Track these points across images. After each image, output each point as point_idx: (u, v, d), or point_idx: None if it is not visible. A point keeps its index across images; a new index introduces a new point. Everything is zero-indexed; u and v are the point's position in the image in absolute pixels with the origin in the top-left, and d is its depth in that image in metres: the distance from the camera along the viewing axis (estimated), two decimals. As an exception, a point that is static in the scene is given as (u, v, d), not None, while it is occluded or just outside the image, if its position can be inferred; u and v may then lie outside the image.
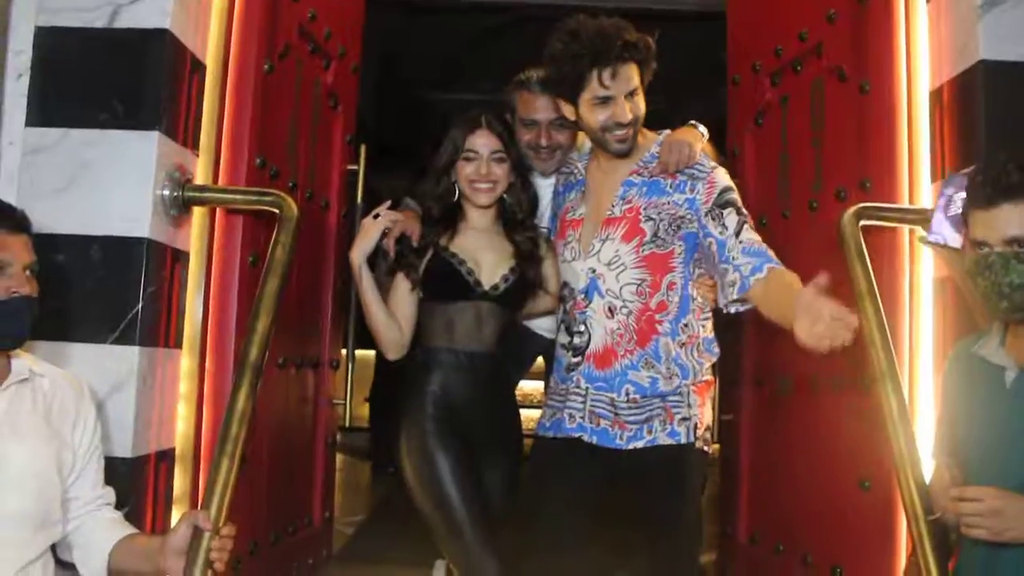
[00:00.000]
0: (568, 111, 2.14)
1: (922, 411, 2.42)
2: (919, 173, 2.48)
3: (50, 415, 1.79)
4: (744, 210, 2.10)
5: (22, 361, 1.77)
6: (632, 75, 2.04)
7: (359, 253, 2.18)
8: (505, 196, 2.24)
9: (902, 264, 2.50)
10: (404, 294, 2.21)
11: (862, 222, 2.34)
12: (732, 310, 2.10)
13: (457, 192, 2.23)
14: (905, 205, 2.49)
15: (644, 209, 2.10)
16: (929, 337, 2.42)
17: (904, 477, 2.00)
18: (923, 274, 2.47)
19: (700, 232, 2.08)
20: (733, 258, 2.03)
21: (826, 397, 2.70)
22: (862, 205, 2.39)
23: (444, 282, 2.18)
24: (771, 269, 2.01)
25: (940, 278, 2.38)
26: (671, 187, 2.11)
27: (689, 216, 2.08)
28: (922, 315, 2.46)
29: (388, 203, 2.25)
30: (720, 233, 2.05)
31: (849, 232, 2.31)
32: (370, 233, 2.20)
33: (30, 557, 1.68)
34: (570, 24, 2.06)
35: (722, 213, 2.07)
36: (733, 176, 3.10)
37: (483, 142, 2.19)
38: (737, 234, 2.05)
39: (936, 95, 2.43)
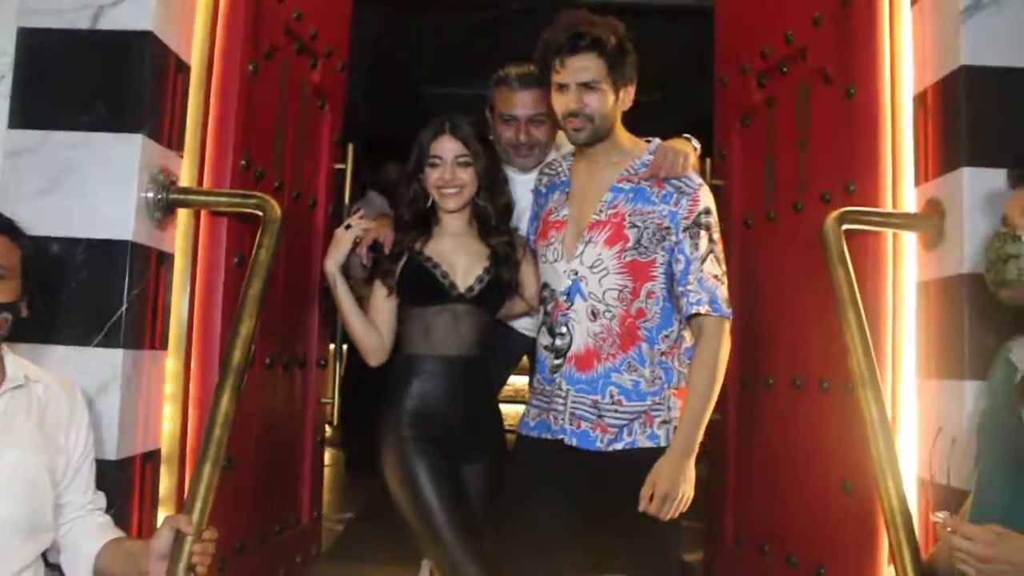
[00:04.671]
0: None
1: (905, 416, 2.43)
2: (903, 176, 2.49)
3: (44, 422, 1.80)
4: (716, 237, 2.11)
5: (16, 367, 1.78)
6: (587, 66, 2.07)
7: (332, 263, 2.21)
8: (477, 200, 2.25)
9: (885, 268, 2.51)
10: (381, 300, 2.24)
11: (845, 226, 2.35)
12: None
13: (429, 197, 2.24)
14: (889, 209, 2.49)
15: (629, 216, 2.10)
16: (912, 342, 2.43)
17: (883, 483, 2.02)
18: (906, 278, 2.47)
19: (676, 247, 2.09)
20: (689, 283, 2.07)
21: (810, 398, 2.72)
22: (845, 209, 2.39)
23: (419, 286, 2.20)
24: (697, 314, 2.06)
25: (923, 282, 2.39)
26: (657, 197, 2.11)
27: (671, 228, 2.09)
28: (905, 320, 2.46)
29: (360, 212, 2.27)
30: (691, 253, 2.07)
31: (832, 236, 2.32)
32: (342, 243, 2.22)
33: (21, 565, 1.69)
34: (559, 17, 2.11)
35: (698, 233, 2.08)
36: (719, 177, 3.15)
37: (447, 147, 2.21)
38: (703, 260, 2.07)
39: (920, 99, 2.43)
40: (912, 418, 2.40)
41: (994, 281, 1.74)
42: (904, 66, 2.50)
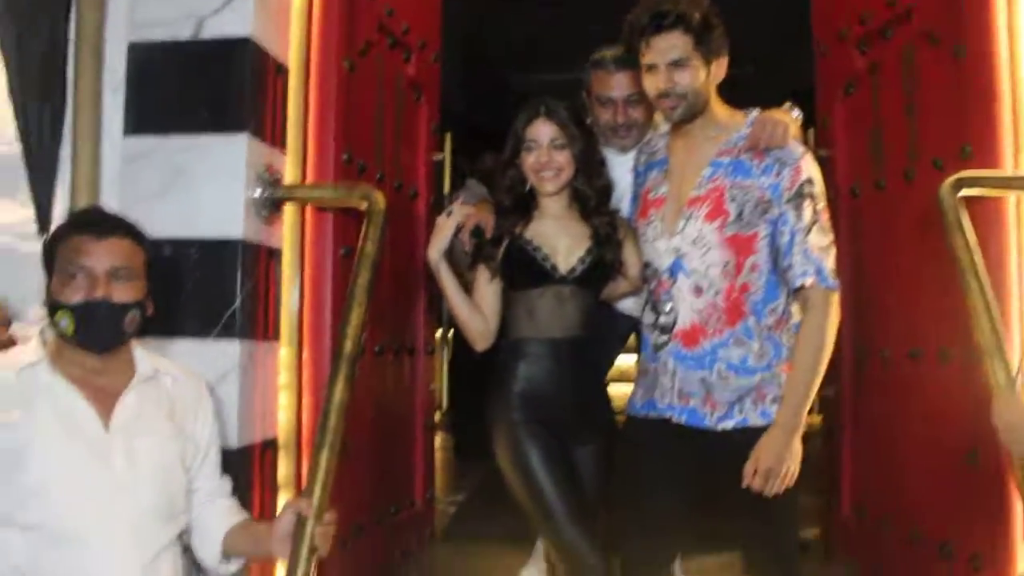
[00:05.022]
0: None
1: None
2: (1024, 138, 2.37)
3: (173, 412, 1.88)
4: (820, 207, 2.05)
5: (146, 361, 1.86)
6: (674, 44, 2.03)
7: (435, 251, 2.24)
8: (575, 183, 2.24)
9: (1007, 234, 2.39)
10: (485, 284, 2.25)
11: (962, 192, 2.25)
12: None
13: (528, 181, 2.25)
14: (1008, 173, 2.38)
15: (729, 189, 2.07)
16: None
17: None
18: (1030, 243, 2.35)
19: (779, 219, 2.04)
20: (794, 255, 2.02)
21: (929, 369, 2.62)
22: (961, 174, 2.29)
23: (521, 269, 2.21)
24: (803, 287, 2.01)
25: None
26: (758, 169, 2.07)
27: (773, 200, 2.05)
28: (1031, 285, 2.35)
29: (460, 199, 2.29)
30: (795, 224, 2.02)
31: (948, 203, 2.22)
32: (444, 230, 2.25)
33: (162, 546, 1.78)
34: None
35: (801, 203, 2.03)
36: (823, 147, 3.06)
37: (543, 131, 2.20)
38: (807, 231, 2.02)
39: (1040, 55, 2.30)
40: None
41: None
42: (1021, 21, 2.37)
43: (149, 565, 1.73)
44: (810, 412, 2.12)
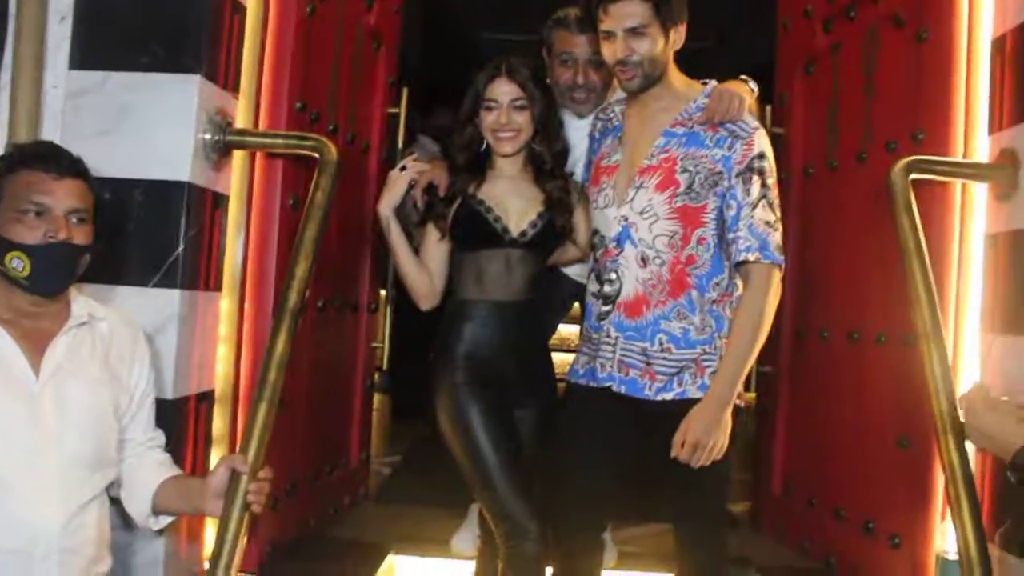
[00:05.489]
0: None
1: (967, 371, 2.37)
2: (976, 125, 2.40)
3: (108, 358, 1.82)
4: (770, 182, 2.04)
5: (81, 305, 1.80)
6: (631, 12, 2.00)
7: (386, 206, 2.20)
8: (533, 144, 2.22)
9: (952, 220, 2.44)
10: (433, 244, 2.22)
11: (912, 175, 2.27)
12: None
13: (484, 141, 2.21)
14: (959, 159, 2.41)
15: (681, 160, 2.05)
16: (978, 295, 2.36)
17: (944, 440, 1.98)
18: (974, 231, 2.40)
19: (728, 192, 2.03)
20: (739, 229, 2.01)
21: (868, 352, 2.68)
22: (913, 158, 2.31)
23: (472, 230, 2.18)
24: (745, 261, 2.00)
25: (992, 235, 2.31)
26: (711, 141, 2.05)
27: (723, 173, 2.04)
28: (972, 273, 2.40)
29: (414, 154, 2.25)
30: (742, 198, 2.02)
31: (898, 186, 2.25)
32: (397, 185, 2.21)
33: (89, 496, 1.73)
34: None
35: (750, 178, 2.02)
36: (780, 124, 3.07)
37: (504, 90, 2.16)
38: (754, 206, 2.01)
39: (998, 43, 2.32)
40: (974, 374, 2.34)
41: None
42: (982, 8, 2.40)
43: (76, 513, 1.69)
44: (746, 389, 2.15)
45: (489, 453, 2.09)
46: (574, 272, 2.58)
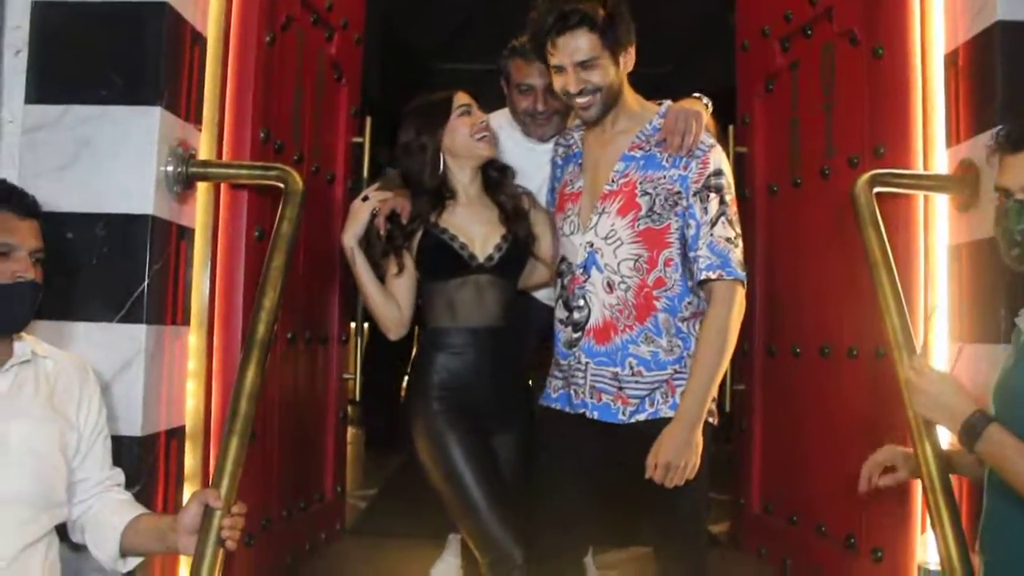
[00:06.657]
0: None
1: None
2: (934, 138, 2.44)
3: (53, 397, 1.79)
4: (728, 199, 2.04)
5: (25, 343, 1.78)
6: (580, 45, 2.00)
7: (350, 236, 2.21)
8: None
9: (917, 231, 2.47)
10: (396, 274, 2.23)
11: (876, 189, 2.30)
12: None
13: (443, 167, 2.22)
14: (920, 171, 2.45)
15: (640, 183, 2.05)
16: (944, 305, 2.39)
17: (920, 448, 1.98)
18: (938, 241, 2.43)
19: (687, 212, 2.04)
20: (699, 248, 2.01)
21: (840, 366, 2.69)
22: (876, 172, 2.34)
23: (439, 259, 2.19)
24: (708, 279, 2.00)
25: (955, 245, 2.34)
26: (667, 161, 2.06)
27: (681, 193, 2.04)
28: (937, 283, 2.42)
29: (377, 184, 2.26)
30: (700, 217, 2.02)
31: (863, 199, 2.26)
32: (359, 215, 2.22)
33: (32, 539, 1.68)
34: None
35: (708, 196, 2.02)
36: (743, 144, 3.10)
37: (470, 100, 2.26)
38: (713, 223, 2.01)
39: (951, 58, 2.37)
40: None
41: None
42: (934, 24, 2.44)
43: (19, 555, 1.64)
44: (719, 407, 2.15)
45: (470, 480, 2.08)
46: (545, 296, 2.57)
